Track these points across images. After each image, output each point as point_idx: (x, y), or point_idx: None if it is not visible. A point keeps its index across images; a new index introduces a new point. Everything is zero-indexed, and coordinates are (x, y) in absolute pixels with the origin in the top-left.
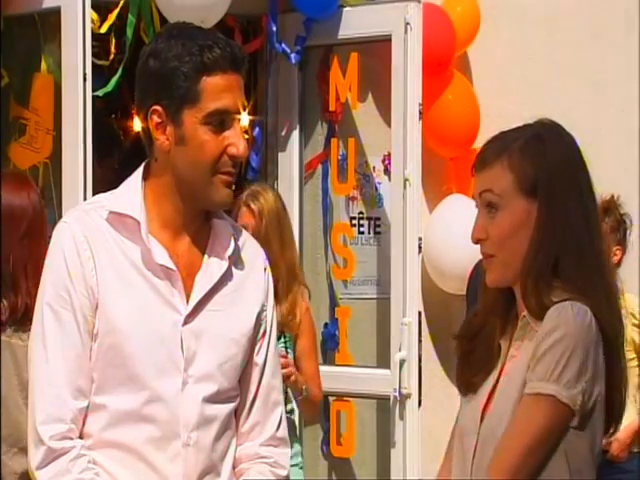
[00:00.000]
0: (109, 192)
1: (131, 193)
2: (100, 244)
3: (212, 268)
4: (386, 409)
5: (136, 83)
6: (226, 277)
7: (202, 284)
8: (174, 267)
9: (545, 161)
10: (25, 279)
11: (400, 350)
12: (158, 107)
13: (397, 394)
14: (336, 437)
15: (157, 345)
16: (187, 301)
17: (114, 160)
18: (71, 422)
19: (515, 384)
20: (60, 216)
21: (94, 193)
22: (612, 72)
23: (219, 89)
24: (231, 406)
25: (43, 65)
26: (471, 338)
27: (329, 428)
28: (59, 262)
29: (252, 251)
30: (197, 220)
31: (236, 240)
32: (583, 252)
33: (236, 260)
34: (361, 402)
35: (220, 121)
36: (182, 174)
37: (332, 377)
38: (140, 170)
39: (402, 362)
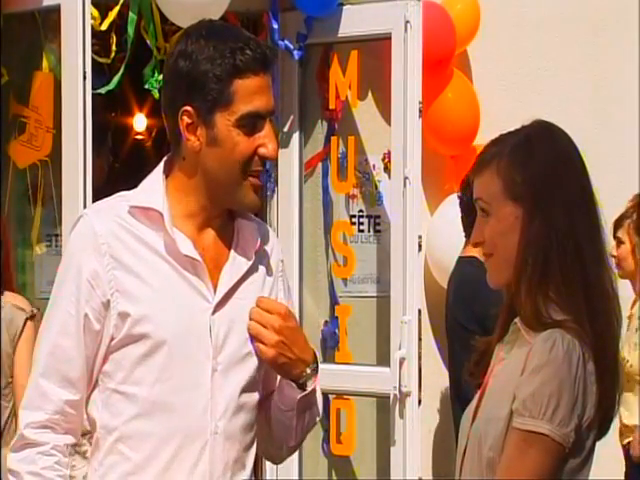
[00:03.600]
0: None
1: (153, 188)
2: (121, 238)
3: (239, 261)
4: (386, 407)
5: (164, 83)
6: (252, 269)
7: (230, 275)
8: (199, 258)
9: (531, 166)
10: None
11: (400, 348)
12: (189, 108)
13: (397, 392)
14: (336, 435)
15: (186, 332)
16: (214, 291)
17: (105, 155)
18: (53, 412)
19: (501, 391)
20: (60, 214)
21: (94, 191)
22: (612, 72)
23: (251, 91)
24: (257, 396)
25: (44, 63)
26: (489, 339)
27: (329, 426)
28: (74, 256)
29: (272, 243)
30: (221, 217)
31: (260, 235)
32: (566, 257)
33: (260, 254)
34: (361, 400)
35: (252, 123)
36: (212, 174)
37: (332, 375)
38: (161, 166)
39: (402, 360)
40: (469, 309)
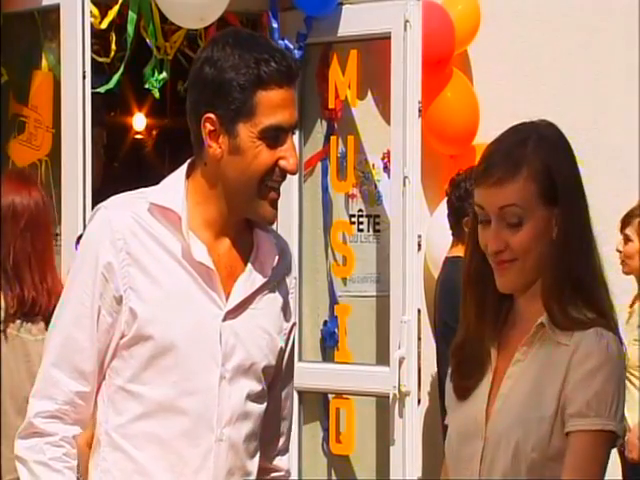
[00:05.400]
0: (152, 187)
1: (174, 189)
2: (137, 235)
3: (255, 275)
4: (385, 407)
5: (189, 88)
6: (267, 282)
7: (245, 287)
8: (212, 266)
9: (563, 167)
10: (30, 272)
11: (399, 348)
12: (212, 115)
13: (396, 392)
14: (335, 435)
15: (197, 336)
16: (226, 299)
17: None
18: (63, 403)
19: (539, 392)
20: (59, 214)
21: (93, 191)
22: (612, 72)
23: (274, 104)
24: (262, 407)
25: (44, 62)
26: (462, 346)
27: (328, 426)
28: (90, 248)
29: (288, 259)
30: (239, 224)
31: (279, 251)
32: (589, 254)
33: (276, 269)
34: (360, 400)
35: (275, 136)
36: (231, 182)
37: (331, 375)
38: (184, 168)
39: (401, 360)
40: (453, 308)
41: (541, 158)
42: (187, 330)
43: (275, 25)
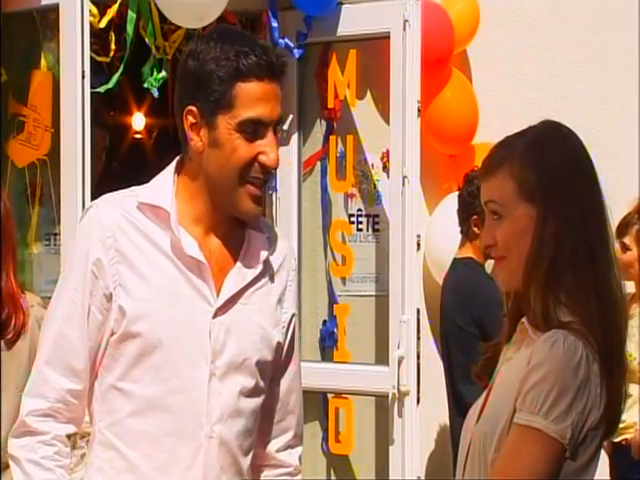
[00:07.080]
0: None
1: (163, 186)
2: (127, 233)
3: (246, 269)
4: (385, 406)
5: (176, 82)
6: (259, 277)
7: (235, 281)
8: (204, 260)
9: (544, 166)
10: None
11: (399, 347)
12: (193, 108)
13: (396, 391)
14: (335, 434)
15: (186, 333)
16: (217, 295)
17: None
18: (55, 401)
19: (507, 390)
20: (59, 214)
21: (92, 190)
22: (612, 72)
23: (253, 97)
24: (257, 402)
25: (42, 62)
26: (495, 343)
27: (327, 425)
28: (81, 246)
29: (283, 254)
30: (228, 223)
31: (270, 246)
32: (579, 258)
33: (269, 263)
34: (360, 399)
35: (254, 130)
36: (212, 177)
37: (331, 374)
38: (173, 165)
39: (401, 359)
40: (467, 311)
41: (525, 157)
42: (175, 327)
43: (275, 24)
